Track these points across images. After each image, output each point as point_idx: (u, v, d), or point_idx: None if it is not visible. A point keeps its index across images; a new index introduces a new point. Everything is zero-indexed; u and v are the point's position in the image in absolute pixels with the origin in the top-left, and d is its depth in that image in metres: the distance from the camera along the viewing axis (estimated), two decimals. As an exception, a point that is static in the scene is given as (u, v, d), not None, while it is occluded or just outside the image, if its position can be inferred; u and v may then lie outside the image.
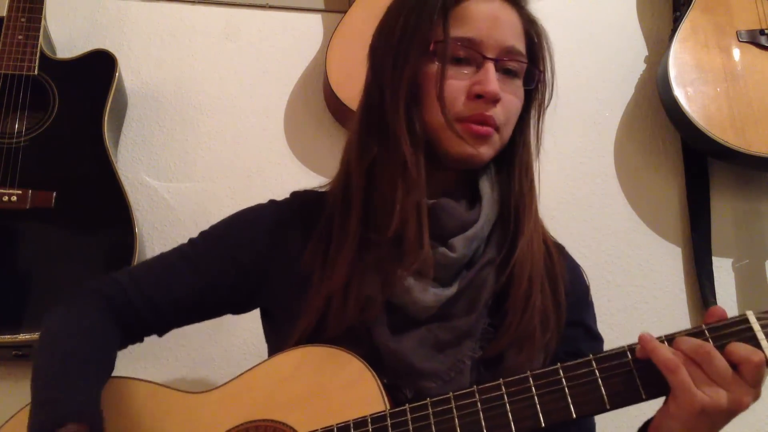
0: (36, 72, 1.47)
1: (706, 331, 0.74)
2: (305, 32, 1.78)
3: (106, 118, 1.48)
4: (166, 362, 1.52)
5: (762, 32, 1.69)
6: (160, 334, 1.00)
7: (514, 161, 0.93)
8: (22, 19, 1.49)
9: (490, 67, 0.86)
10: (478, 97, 0.86)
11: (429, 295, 0.86)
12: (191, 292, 0.95)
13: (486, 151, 0.88)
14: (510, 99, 0.89)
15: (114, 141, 1.59)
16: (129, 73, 1.68)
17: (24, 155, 1.41)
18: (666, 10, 1.89)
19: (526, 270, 0.88)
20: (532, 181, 0.93)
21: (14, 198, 1.37)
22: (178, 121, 1.69)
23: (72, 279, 1.35)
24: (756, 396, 0.72)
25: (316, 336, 0.87)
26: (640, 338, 0.74)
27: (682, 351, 0.72)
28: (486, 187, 0.92)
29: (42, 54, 1.49)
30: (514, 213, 0.91)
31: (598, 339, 0.98)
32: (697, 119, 1.60)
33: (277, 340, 0.93)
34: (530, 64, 0.91)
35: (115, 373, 0.93)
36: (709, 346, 0.71)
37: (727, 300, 1.70)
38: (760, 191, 1.78)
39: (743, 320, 0.73)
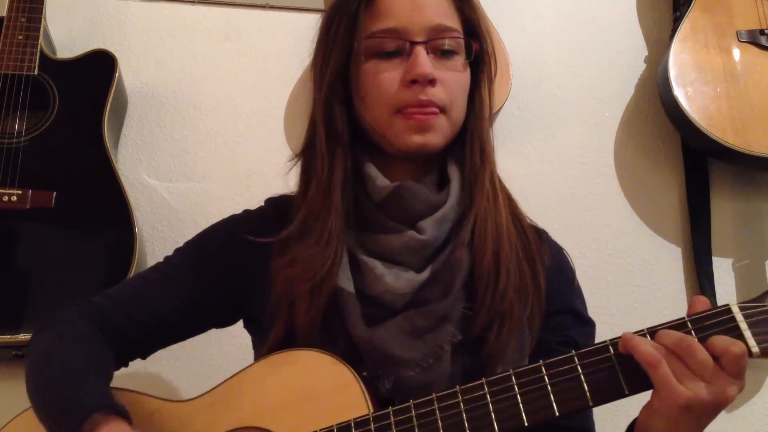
0: (36, 72, 1.47)
1: (689, 323, 0.73)
2: (305, 32, 1.77)
3: (106, 118, 1.48)
4: (166, 362, 1.52)
5: (762, 32, 1.69)
6: (144, 355, 0.99)
7: (465, 137, 0.93)
8: (22, 19, 1.49)
9: (419, 50, 0.86)
10: (413, 82, 0.86)
11: (401, 281, 0.85)
12: (172, 308, 0.94)
13: (434, 138, 0.87)
14: (451, 76, 0.88)
15: (114, 141, 1.59)
16: (129, 73, 1.68)
17: (24, 155, 1.41)
18: (666, 10, 1.89)
19: (488, 244, 0.87)
20: (485, 153, 0.92)
21: (14, 198, 1.37)
22: (178, 121, 1.69)
23: (72, 279, 1.35)
24: (740, 388, 0.70)
25: (290, 339, 0.86)
26: (622, 337, 0.73)
27: (664, 345, 0.71)
28: (453, 170, 0.92)
29: (42, 54, 1.49)
30: (468, 187, 0.90)
31: (589, 324, 0.97)
32: (697, 119, 1.60)
33: (262, 347, 0.92)
34: (467, 38, 0.90)
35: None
36: (691, 338, 0.70)
37: (727, 300, 1.69)
38: (760, 191, 1.78)
39: (726, 311, 0.73)
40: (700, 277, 1.68)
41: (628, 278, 1.71)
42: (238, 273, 0.94)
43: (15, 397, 0.90)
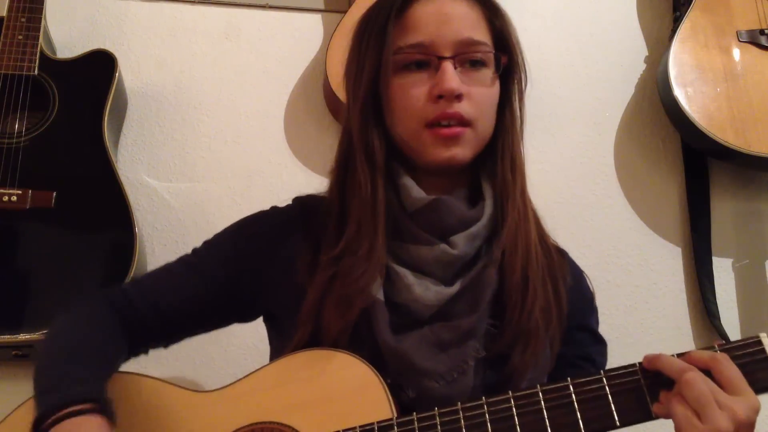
0: (36, 72, 1.47)
1: (718, 351, 0.73)
2: (305, 32, 1.78)
3: (106, 118, 1.48)
4: (166, 362, 1.52)
5: (762, 32, 1.69)
6: (166, 344, 1.00)
7: (496, 150, 0.93)
8: (22, 19, 1.49)
9: (446, 66, 0.86)
10: (440, 97, 0.86)
11: (430, 292, 0.86)
12: (196, 299, 0.95)
13: (461, 152, 0.88)
14: (478, 91, 0.89)
15: (114, 141, 1.59)
16: (129, 73, 1.68)
17: (24, 155, 1.41)
18: (666, 10, 1.89)
19: (518, 261, 0.88)
20: (516, 167, 0.93)
21: (14, 198, 1.37)
22: (178, 121, 1.69)
23: (72, 279, 1.35)
24: (750, 405, 0.70)
25: (314, 342, 0.87)
26: (644, 356, 0.74)
27: (691, 360, 0.72)
28: (487, 186, 0.92)
29: (42, 54, 1.49)
30: (500, 203, 0.91)
31: (602, 342, 0.99)
32: (697, 119, 1.60)
33: (280, 345, 0.93)
34: (496, 51, 0.91)
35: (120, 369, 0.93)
36: (722, 355, 0.71)
37: (727, 300, 1.70)
38: (760, 191, 1.78)
39: (756, 342, 0.73)
40: (700, 277, 1.68)
41: (628, 278, 1.71)
42: (263, 269, 0.95)
43: (15, 397, 0.89)
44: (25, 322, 1.30)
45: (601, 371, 0.75)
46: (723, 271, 1.72)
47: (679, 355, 0.74)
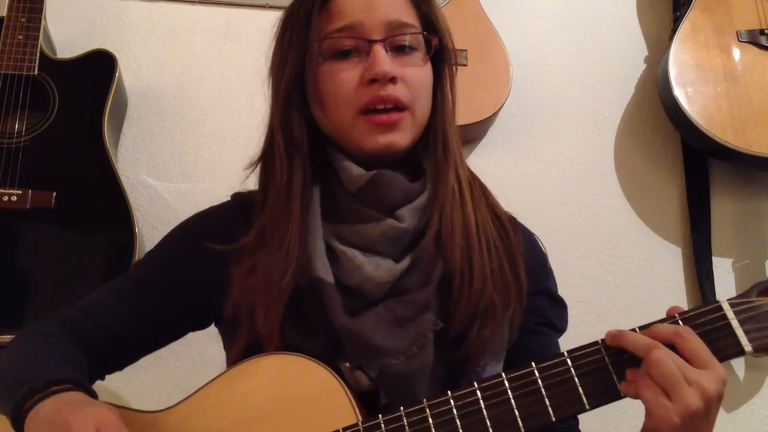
0: (36, 72, 1.47)
1: (680, 321, 0.72)
2: (305, 32, 1.78)
3: (106, 118, 1.48)
4: (166, 362, 1.52)
5: (762, 32, 1.69)
6: (122, 366, 0.96)
7: (429, 132, 0.91)
8: (22, 19, 1.49)
9: (377, 48, 0.84)
10: (373, 81, 0.84)
11: (382, 270, 0.84)
12: (148, 316, 0.91)
13: (399, 137, 0.86)
14: (412, 73, 0.87)
15: (114, 141, 1.59)
16: (129, 73, 1.68)
17: (24, 155, 1.41)
18: (666, 10, 1.89)
19: (455, 240, 0.85)
20: (447, 148, 0.90)
21: (14, 198, 1.37)
22: (178, 121, 1.69)
23: (72, 279, 1.35)
24: (718, 377, 0.68)
25: (255, 346, 0.84)
26: (607, 333, 0.73)
27: (655, 335, 0.71)
28: (426, 161, 0.90)
29: (42, 54, 1.49)
30: (433, 183, 0.89)
31: (562, 304, 0.97)
32: (697, 119, 1.60)
33: (233, 348, 0.89)
34: (426, 33, 0.89)
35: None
36: (685, 328, 0.70)
37: (727, 300, 1.70)
38: (760, 191, 1.78)
39: (716, 308, 0.72)
40: (700, 277, 1.68)
41: (628, 278, 1.71)
42: (202, 276, 0.92)
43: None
44: (25, 322, 1.31)
45: (565, 352, 0.74)
46: (723, 271, 1.72)
47: (641, 329, 0.72)
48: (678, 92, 1.63)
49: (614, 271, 1.71)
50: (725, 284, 1.71)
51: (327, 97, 0.87)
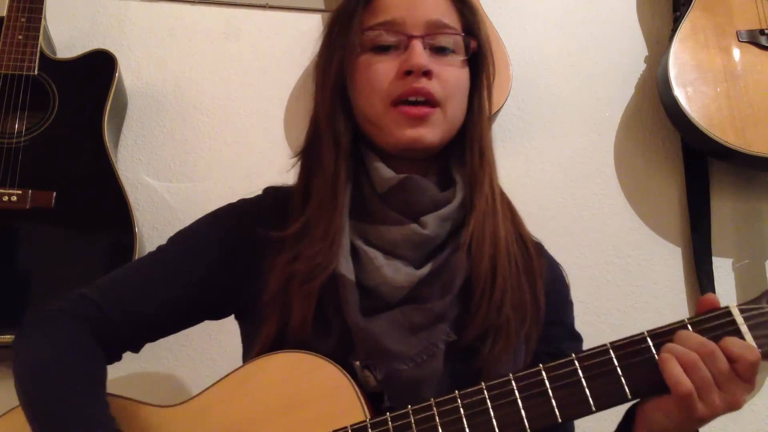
0: (36, 72, 1.47)
1: (689, 326, 0.72)
2: (305, 32, 1.78)
3: (106, 118, 1.48)
4: (166, 362, 1.52)
5: (762, 32, 1.69)
6: (137, 348, 0.96)
7: (465, 140, 0.92)
8: (22, 19, 1.49)
9: (415, 43, 0.86)
10: (408, 73, 0.85)
11: (401, 274, 0.84)
12: (165, 298, 0.91)
13: (428, 133, 0.86)
14: (448, 71, 0.88)
15: (114, 141, 1.59)
16: (129, 73, 1.68)
17: (24, 155, 1.41)
18: (666, 10, 1.89)
19: (485, 249, 0.86)
20: (485, 158, 0.91)
21: (14, 198, 1.37)
22: (178, 121, 1.69)
23: (72, 279, 1.34)
24: (750, 390, 0.70)
25: (282, 336, 0.85)
26: (661, 358, 0.72)
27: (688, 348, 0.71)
28: (457, 170, 0.91)
29: (42, 54, 1.49)
30: (469, 191, 0.90)
31: (578, 339, 0.97)
32: (697, 119, 1.60)
33: (252, 342, 0.90)
34: (465, 36, 0.90)
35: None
36: (712, 344, 0.70)
37: (727, 300, 1.69)
38: (760, 191, 1.78)
39: (726, 313, 0.72)
40: (700, 277, 1.68)
41: (628, 278, 1.71)
42: (231, 264, 0.92)
43: (15, 397, 0.89)
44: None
45: (573, 354, 0.74)
46: (723, 271, 1.72)
47: (652, 334, 0.72)
48: (678, 92, 1.63)
49: (614, 271, 1.71)
50: (725, 284, 1.71)
51: (362, 88, 0.88)
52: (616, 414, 0.75)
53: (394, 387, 0.80)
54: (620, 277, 1.71)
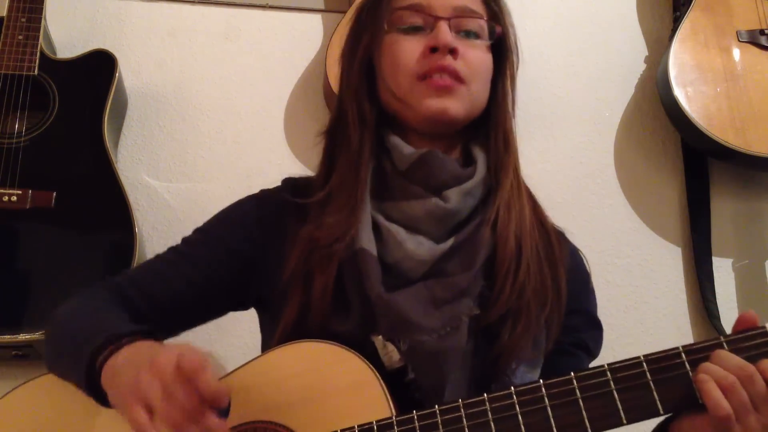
0: (36, 72, 1.47)
1: (725, 344, 0.72)
2: (305, 32, 1.78)
3: (106, 118, 1.48)
4: (166, 362, 1.52)
5: (762, 32, 1.69)
6: (164, 337, 0.95)
7: (489, 124, 0.93)
8: (22, 19, 1.49)
9: (442, 24, 0.88)
10: (434, 51, 0.87)
11: (423, 248, 0.84)
12: (191, 288, 0.92)
13: (453, 104, 0.88)
14: (473, 53, 0.89)
15: (114, 141, 1.59)
16: (129, 73, 1.68)
17: (24, 155, 1.41)
18: (666, 10, 1.89)
19: (510, 230, 0.87)
20: (509, 144, 0.93)
21: (14, 198, 1.37)
22: (178, 121, 1.69)
23: (72, 279, 1.35)
24: None
25: (303, 316, 0.85)
26: (698, 379, 0.71)
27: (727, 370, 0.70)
28: (478, 151, 0.92)
29: (42, 54, 1.49)
30: (494, 173, 0.91)
31: (598, 327, 0.98)
32: (697, 119, 1.60)
33: (272, 330, 0.90)
34: (489, 21, 0.92)
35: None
36: (751, 367, 0.69)
37: (727, 300, 1.70)
38: (760, 191, 1.78)
39: (762, 333, 0.71)
40: (700, 277, 1.68)
41: (628, 278, 1.71)
42: (253, 251, 0.93)
43: (15, 397, 0.89)
44: (25, 322, 1.31)
45: (605, 365, 0.73)
46: (723, 271, 1.72)
47: (686, 350, 0.72)
48: (678, 92, 1.63)
49: (614, 271, 1.71)
50: (725, 284, 1.71)
51: (388, 66, 0.90)
52: (635, 429, 0.75)
53: (419, 358, 0.80)
54: (620, 277, 1.71)
